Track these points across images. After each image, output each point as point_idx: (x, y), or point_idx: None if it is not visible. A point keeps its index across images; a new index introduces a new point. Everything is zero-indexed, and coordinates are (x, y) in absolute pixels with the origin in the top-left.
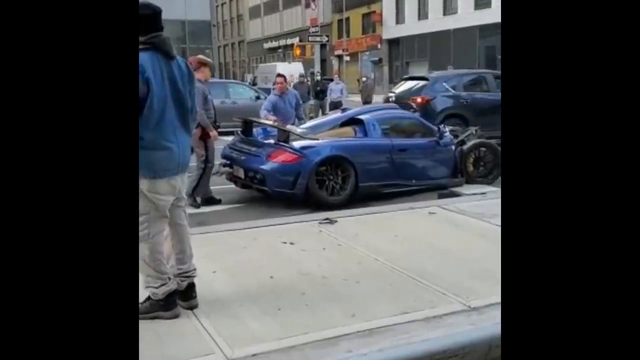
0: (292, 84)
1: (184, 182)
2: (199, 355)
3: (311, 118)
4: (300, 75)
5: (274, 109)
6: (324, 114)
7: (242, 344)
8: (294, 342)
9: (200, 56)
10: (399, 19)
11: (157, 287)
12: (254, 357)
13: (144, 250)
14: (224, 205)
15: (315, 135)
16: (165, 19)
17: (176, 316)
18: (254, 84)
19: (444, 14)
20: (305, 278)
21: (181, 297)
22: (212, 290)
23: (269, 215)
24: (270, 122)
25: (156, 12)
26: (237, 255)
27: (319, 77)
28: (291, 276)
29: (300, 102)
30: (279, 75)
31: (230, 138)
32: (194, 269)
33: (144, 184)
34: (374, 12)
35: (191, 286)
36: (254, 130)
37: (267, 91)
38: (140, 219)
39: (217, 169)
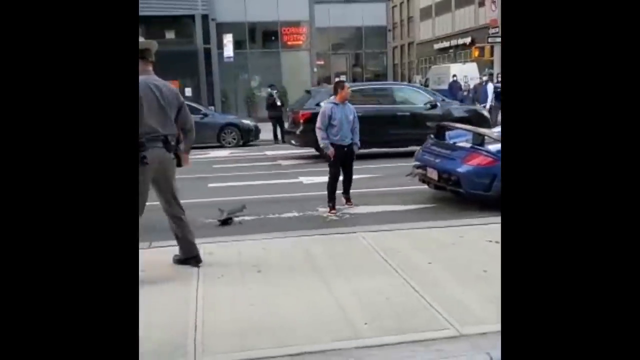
0: (471, 85)
1: None
2: (436, 329)
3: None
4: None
5: None
6: None
7: (469, 323)
8: None
9: None
10: None
11: None
12: (483, 336)
13: None
14: (417, 205)
15: None
16: (345, 26)
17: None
18: (425, 85)
19: None
20: None
21: None
22: (432, 277)
23: (461, 217)
24: (466, 127)
25: None
26: (447, 250)
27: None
28: None
29: None
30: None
31: None
32: None
33: None
34: None
35: None
36: (447, 134)
37: (443, 92)
38: None
39: (410, 170)
